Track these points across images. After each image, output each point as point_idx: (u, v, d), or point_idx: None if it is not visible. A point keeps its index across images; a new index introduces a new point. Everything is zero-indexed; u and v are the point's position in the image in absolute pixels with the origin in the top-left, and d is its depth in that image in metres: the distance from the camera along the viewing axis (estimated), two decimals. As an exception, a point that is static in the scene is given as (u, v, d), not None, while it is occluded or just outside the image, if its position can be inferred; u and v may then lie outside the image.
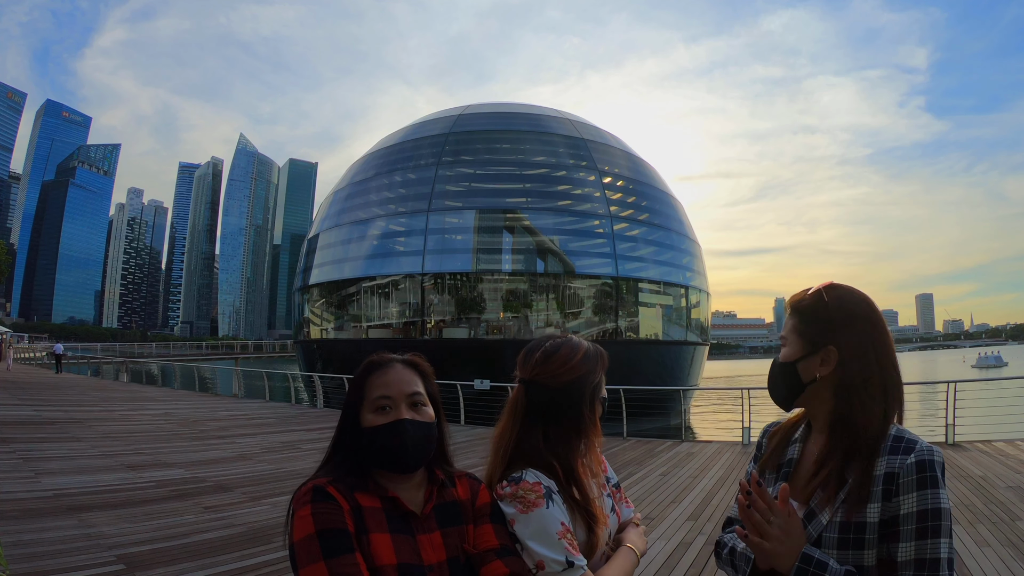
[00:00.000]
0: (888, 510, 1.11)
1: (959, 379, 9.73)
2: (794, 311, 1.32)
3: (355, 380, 1.30)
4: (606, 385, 1.47)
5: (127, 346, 71.94)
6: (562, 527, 1.27)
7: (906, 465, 1.12)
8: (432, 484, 1.29)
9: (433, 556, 1.20)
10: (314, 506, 1.13)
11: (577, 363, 1.39)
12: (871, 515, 1.12)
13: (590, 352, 1.42)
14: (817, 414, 1.29)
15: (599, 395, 1.43)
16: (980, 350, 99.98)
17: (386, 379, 1.26)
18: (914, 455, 1.12)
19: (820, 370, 1.25)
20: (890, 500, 1.11)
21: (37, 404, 14.35)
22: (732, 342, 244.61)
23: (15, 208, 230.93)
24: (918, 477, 1.10)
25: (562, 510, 1.30)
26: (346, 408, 1.28)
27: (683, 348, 25.90)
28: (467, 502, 1.32)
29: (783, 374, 1.30)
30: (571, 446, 1.37)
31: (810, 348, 1.26)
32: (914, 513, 1.09)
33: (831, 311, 1.25)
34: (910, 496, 1.10)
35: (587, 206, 24.76)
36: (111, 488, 6.25)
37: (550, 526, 1.26)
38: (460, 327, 23.31)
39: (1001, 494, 5.78)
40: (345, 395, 1.32)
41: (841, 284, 1.29)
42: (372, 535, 1.15)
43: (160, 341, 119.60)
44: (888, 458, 1.14)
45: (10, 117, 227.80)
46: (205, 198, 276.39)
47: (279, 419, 13.51)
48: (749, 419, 9.94)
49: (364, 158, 28.30)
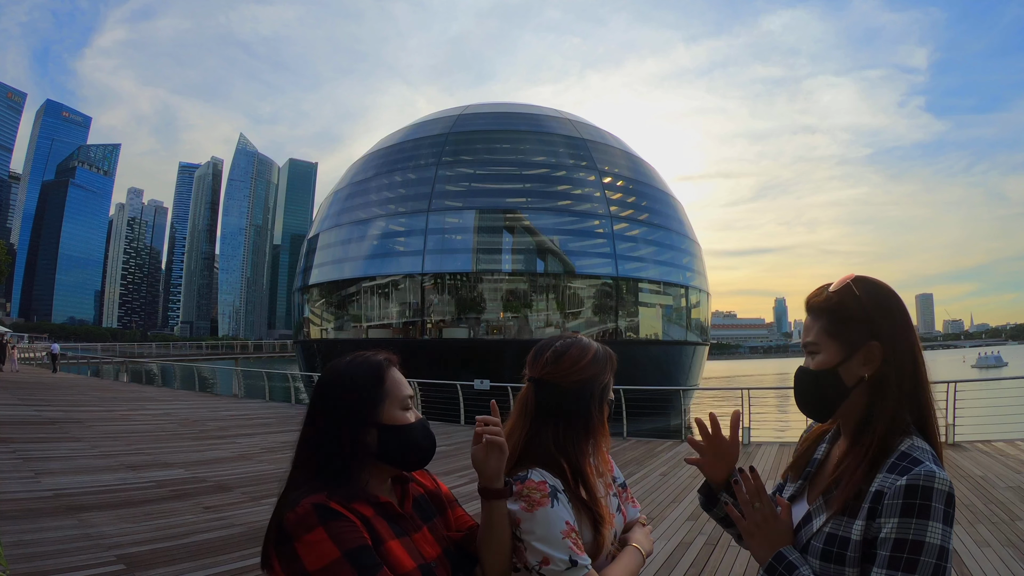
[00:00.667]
0: (871, 530, 1.04)
1: (959, 379, 9.72)
2: (821, 312, 1.19)
3: (375, 376, 1.21)
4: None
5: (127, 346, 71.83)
6: (567, 526, 1.27)
7: (895, 487, 1.02)
8: (400, 482, 1.28)
9: (431, 552, 1.20)
10: (327, 527, 1.03)
11: (587, 364, 1.38)
12: (855, 532, 1.05)
13: (600, 353, 1.42)
14: (848, 418, 1.20)
15: (607, 396, 1.42)
16: (980, 350, 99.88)
17: (401, 378, 1.25)
18: (907, 478, 1.02)
19: (864, 370, 1.15)
20: (874, 520, 1.04)
21: (37, 404, 14.34)
22: (732, 342, 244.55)
23: (15, 208, 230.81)
24: (904, 503, 1.00)
25: (567, 509, 1.30)
26: (363, 403, 1.18)
27: (683, 348, 25.89)
28: (432, 492, 1.34)
29: (823, 383, 1.18)
30: (579, 446, 1.37)
31: (849, 349, 1.16)
32: (891, 540, 0.99)
33: (866, 304, 1.15)
34: (891, 521, 1.00)
35: (587, 206, 24.76)
36: (111, 488, 6.25)
37: (554, 525, 1.26)
38: (460, 327, 23.30)
39: (1001, 494, 5.78)
40: (350, 391, 1.19)
41: (865, 275, 1.20)
42: (388, 543, 1.11)
43: (160, 341, 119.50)
44: (885, 475, 1.06)
45: (10, 117, 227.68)
46: (205, 198, 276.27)
47: (279, 419, 13.50)
48: (749, 419, 9.94)
49: (364, 158, 28.30)
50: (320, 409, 1.19)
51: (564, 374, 1.37)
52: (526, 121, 27.33)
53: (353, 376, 1.20)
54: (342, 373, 1.21)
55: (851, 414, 1.18)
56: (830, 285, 1.21)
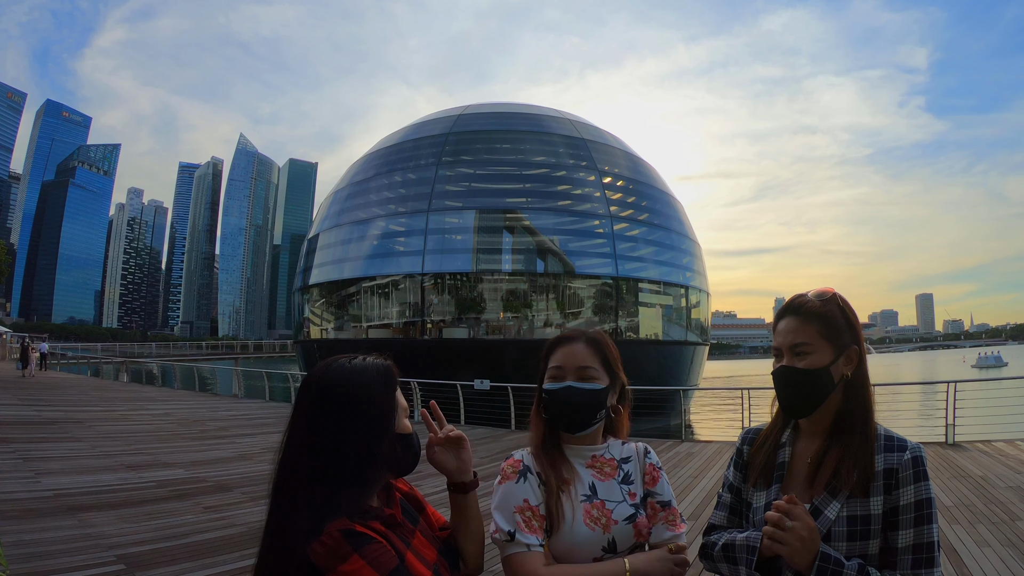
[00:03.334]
0: (889, 502, 1.23)
1: (959, 379, 9.72)
2: (816, 317, 1.32)
3: (389, 382, 1.18)
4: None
5: (127, 346, 71.73)
6: (524, 503, 1.32)
7: (903, 461, 1.24)
8: (385, 489, 1.24)
9: (430, 555, 1.20)
10: (362, 553, 0.99)
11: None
12: (875, 507, 1.23)
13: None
14: (825, 413, 1.33)
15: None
16: (980, 350, 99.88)
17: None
18: (909, 452, 1.25)
19: (846, 370, 1.32)
20: (890, 493, 1.23)
21: (37, 404, 14.33)
22: (732, 342, 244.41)
23: (15, 208, 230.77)
24: (914, 471, 1.23)
25: (533, 490, 1.35)
26: (382, 412, 1.14)
27: (683, 348, 25.89)
28: (408, 494, 1.31)
29: (817, 381, 1.30)
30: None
31: (838, 351, 1.31)
32: (912, 503, 1.22)
33: (848, 314, 1.34)
34: (908, 489, 1.22)
35: (587, 206, 24.76)
36: (111, 488, 6.24)
37: (511, 499, 1.34)
38: (460, 327, 23.30)
39: (1001, 494, 5.77)
40: (367, 399, 1.14)
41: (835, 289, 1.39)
42: (407, 557, 1.09)
43: (160, 341, 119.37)
44: (885, 455, 1.26)
45: (10, 117, 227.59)
46: (205, 198, 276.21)
47: (279, 419, 13.49)
48: (749, 419, 9.94)
49: (364, 158, 28.30)
50: (331, 417, 1.10)
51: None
52: (526, 121, 27.33)
53: (369, 384, 1.14)
54: (353, 379, 1.13)
55: (828, 409, 1.33)
56: (807, 293, 1.37)
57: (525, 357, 1.39)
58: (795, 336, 1.32)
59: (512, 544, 1.28)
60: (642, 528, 1.38)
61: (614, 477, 1.43)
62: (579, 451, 1.44)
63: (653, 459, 1.50)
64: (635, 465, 1.47)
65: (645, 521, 1.39)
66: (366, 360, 1.18)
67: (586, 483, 1.40)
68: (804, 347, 1.31)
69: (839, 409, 1.32)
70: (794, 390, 1.32)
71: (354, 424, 1.10)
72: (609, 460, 1.45)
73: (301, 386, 1.18)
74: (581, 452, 1.44)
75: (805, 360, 1.30)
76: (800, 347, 1.31)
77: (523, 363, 2.26)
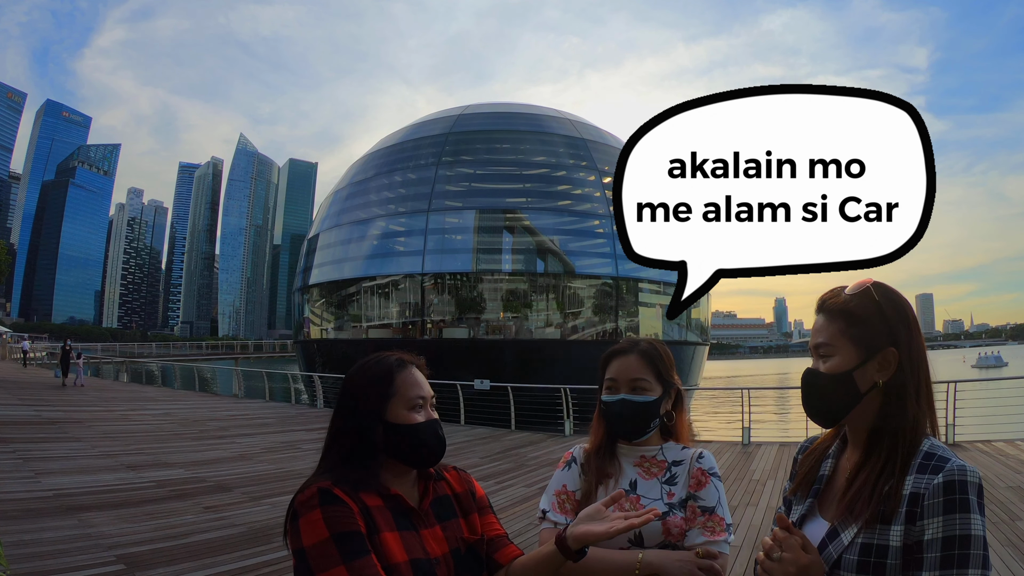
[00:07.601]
0: (912, 534, 1.01)
1: (959, 379, 9.71)
2: (839, 314, 1.16)
3: (382, 376, 1.29)
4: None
5: (127, 346, 71.67)
6: (562, 488, 1.50)
7: (932, 486, 1.00)
8: (425, 479, 1.33)
9: (437, 549, 1.24)
10: (324, 509, 1.13)
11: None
12: (894, 538, 1.02)
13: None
14: (858, 426, 1.16)
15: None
16: (980, 350, 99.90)
17: (416, 379, 1.32)
18: (942, 475, 1.00)
19: (879, 376, 1.13)
20: (914, 524, 1.01)
21: (37, 404, 14.34)
22: (732, 342, 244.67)
23: (15, 208, 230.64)
24: (945, 500, 0.99)
25: (574, 478, 1.51)
26: (370, 402, 1.26)
27: (683, 348, 25.87)
28: (461, 494, 1.38)
29: (837, 387, 1.14)
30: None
31: (867, 353, 1.12)
32: (939, 540, 0.98)
33: (886, 310, 1.13)
34: (935, 520, 0.98)
35: (587, 206, 24.76)
36: (111, 488, 6.25)
37: (554, 483, 1.53)
38: (460, 327, 23.30)
39: (1001, 494, 5.77)
40: (361, 390, 1.28)
41: (881, 281, 1.18)
42: (383, 534, 1.17)
43: (160, 341, 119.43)
44: (916, 476, 1.03)
45: (10, 117, 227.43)
46: (205, 198, 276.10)
47: (279, 419, 13.51)
48: (749, 419, 9.93)
49: (364, 158, 28.31)
50: (340, 403, 1.32)
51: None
52: (526, 121, 27.33)
53: (365, 374, 1.31)
54: (358, 371, 1.32)
55: (862, 420, 1.15)
56: (846, 287, 1.19)
57: (525, 357, 1.40)
58: (817, 335, 1.18)
59: (544, 520, 1.45)
60: (672, 527, 1.39)
61: (658, 476, 1.48)
62: (630, 451, 1.53)
63: (705, 465, 1.49)
64: (684, 468, 1.50)
65: (679, 522, 1.40)
66: (381, 355, 1.34)
67: (628, 479, 1.48)
68: (825, 348, 1.16)
69: (876, 419, 1.13)
70: (810, 396, 1.18)
71: (350, 412, 1.28)
72: (660, 461, 1.51)
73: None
74: (632, 452, 1.53)
75: (827, 363, 1.15)
76: (821, 348, 1.17)
77: (523, 363, 2.27)
